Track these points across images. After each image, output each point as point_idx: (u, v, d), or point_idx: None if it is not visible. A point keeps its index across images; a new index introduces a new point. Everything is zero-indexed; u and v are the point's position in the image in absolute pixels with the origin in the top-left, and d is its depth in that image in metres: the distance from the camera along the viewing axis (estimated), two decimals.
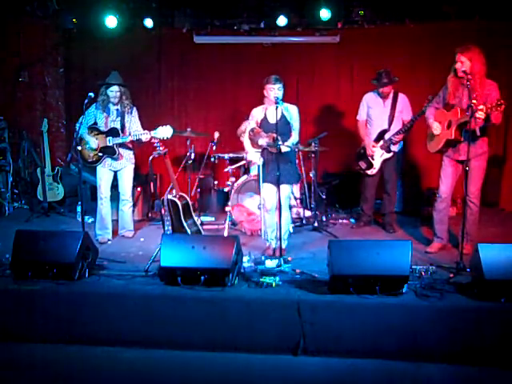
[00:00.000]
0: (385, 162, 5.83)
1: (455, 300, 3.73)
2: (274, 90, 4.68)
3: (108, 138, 5.36)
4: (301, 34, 7.34)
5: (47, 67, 7.53)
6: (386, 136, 5.77)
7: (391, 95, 5.81)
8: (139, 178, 6.78)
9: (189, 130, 6.36)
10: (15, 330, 3.89)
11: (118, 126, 5.39)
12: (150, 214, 6.67)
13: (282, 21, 6.93)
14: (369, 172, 5.90)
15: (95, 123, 5.46)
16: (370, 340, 3.63)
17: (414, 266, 4.11)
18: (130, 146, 5.56)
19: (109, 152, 5.40)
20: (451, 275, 4.16)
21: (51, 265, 4.03)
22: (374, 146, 5.81)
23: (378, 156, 5.82)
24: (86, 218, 5.93)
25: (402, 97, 5.81)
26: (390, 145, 5.75)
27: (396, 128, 5.73)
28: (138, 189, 6.66)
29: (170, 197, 5.10)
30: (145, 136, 5.23)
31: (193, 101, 7.71)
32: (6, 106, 7.21)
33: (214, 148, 6.41)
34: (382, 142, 5.79)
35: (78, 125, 5.33)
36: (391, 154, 5.80)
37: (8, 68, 7.28)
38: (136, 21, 7.10)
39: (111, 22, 6.80)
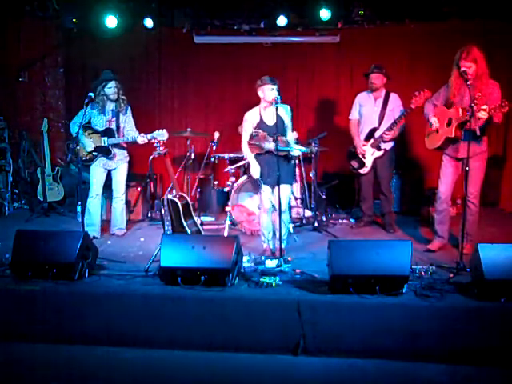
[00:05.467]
0: (376, 160, 5.85)
1: (455, 300, 3.73)
2: (274, 91, 4.67)
3: (103, 139, 5.45)
4: (301, 34, 7.33)
5: (47, 67, 7.52)
6: (376, 134, 5.79)
7: (383, 94, 5.82)
8: (139, 178, 6.78)
9: (189, 130, 6.36)
10: (15, 329, 3.88)
11: (114, 127, 5.48)
12: (149, 214, 6.66)
13: (282, 21, 6.92)
14: (361, 171, 5.94)
15: (89, 122, 5.52)
16: (370, 340, 3.63)
17: (413, 266, 4.11)
18: (124, 145, 5.64)
19: (103, 152, 5.49)
20: (451, 275, 4.16)
21: (51, 265, 4.03)
22: (364, 145, 5.85)
23: (370, 154, 5.85)
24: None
25: (393, 96, 5.82)
26: (380, 143, 5.77)
27: (386, 126, 5.72)
28: (138, 189, 6.65)
29: (170, 197, 5.10)
30: (141, 139, 5.37)
31: (193, 101, 7.71)
32: (6, 106, 7.20)
33: (214, 148, 6.40)
34: (372, 141, 5.82)
35: (71, 124, 5.46)
36: (382, 152, 5.82)
37: (8, 68, 7.27)
38: (136, 21, 7.10)
39: (111, 21, 6.79)
